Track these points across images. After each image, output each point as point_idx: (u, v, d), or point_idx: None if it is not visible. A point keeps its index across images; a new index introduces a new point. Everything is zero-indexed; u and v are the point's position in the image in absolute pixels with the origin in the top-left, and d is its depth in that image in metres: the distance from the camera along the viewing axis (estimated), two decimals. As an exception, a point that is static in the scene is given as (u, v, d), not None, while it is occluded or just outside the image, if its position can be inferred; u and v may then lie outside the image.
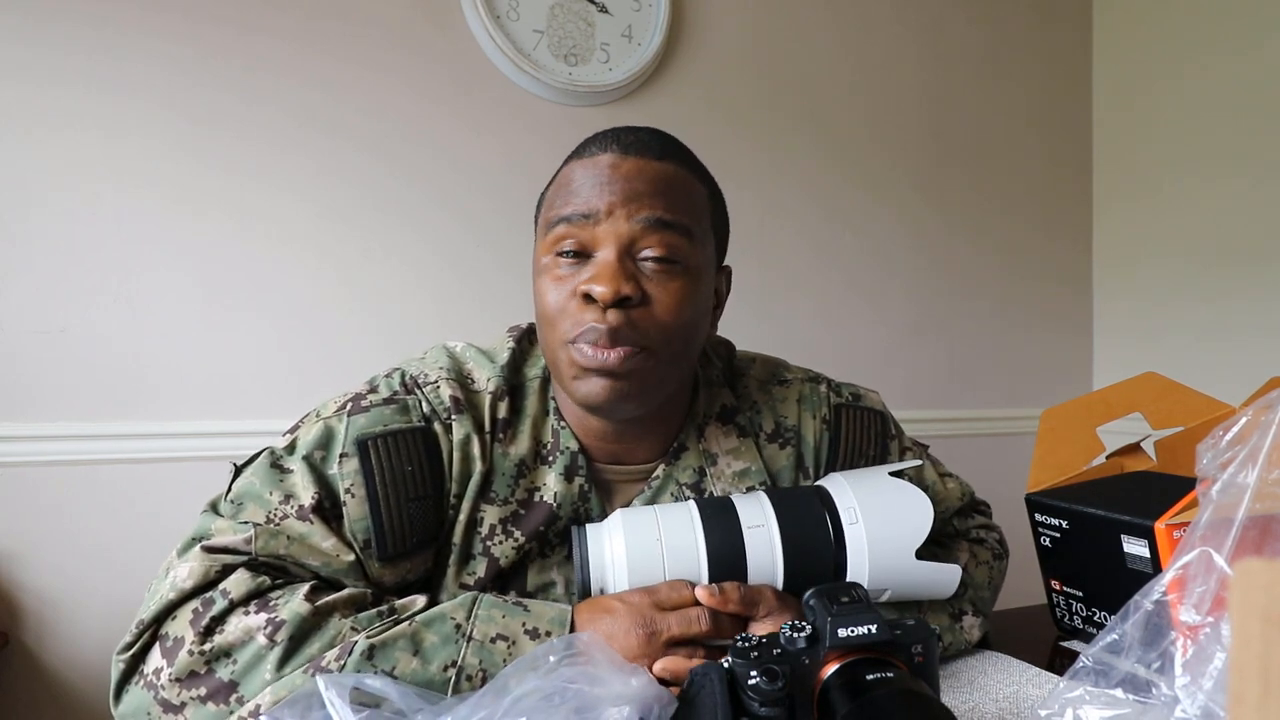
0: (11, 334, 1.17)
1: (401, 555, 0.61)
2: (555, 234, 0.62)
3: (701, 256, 0.64)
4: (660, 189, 0.62)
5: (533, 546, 0.65)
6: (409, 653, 0.53)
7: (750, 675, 0.42)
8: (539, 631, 0.56)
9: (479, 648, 0.54)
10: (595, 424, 0.67)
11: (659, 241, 0.61)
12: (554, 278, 0.62)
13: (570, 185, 0.63)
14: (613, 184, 0.61)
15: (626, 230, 0.60)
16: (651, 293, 0.61)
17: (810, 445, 0.73)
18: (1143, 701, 0.46)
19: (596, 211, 0.61)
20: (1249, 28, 1.68)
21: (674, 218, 0.61)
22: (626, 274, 0.60)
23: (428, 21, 1.41)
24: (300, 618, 0.53)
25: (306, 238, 1.33)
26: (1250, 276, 1.68)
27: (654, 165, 0.63)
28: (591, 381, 0.60)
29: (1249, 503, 0.45)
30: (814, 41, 1.73)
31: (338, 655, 0.52)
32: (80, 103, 1.20)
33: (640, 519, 0.61)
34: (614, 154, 0.63)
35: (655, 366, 0.61)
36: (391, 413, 0.63)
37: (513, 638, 0.55)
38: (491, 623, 0.56)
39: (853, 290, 1.77)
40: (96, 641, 1.20)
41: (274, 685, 0.51)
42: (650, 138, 0.65)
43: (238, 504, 0.60)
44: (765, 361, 0.79)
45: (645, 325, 0.60)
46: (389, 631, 0.54)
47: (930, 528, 0.61)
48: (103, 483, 1.21)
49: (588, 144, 0.66)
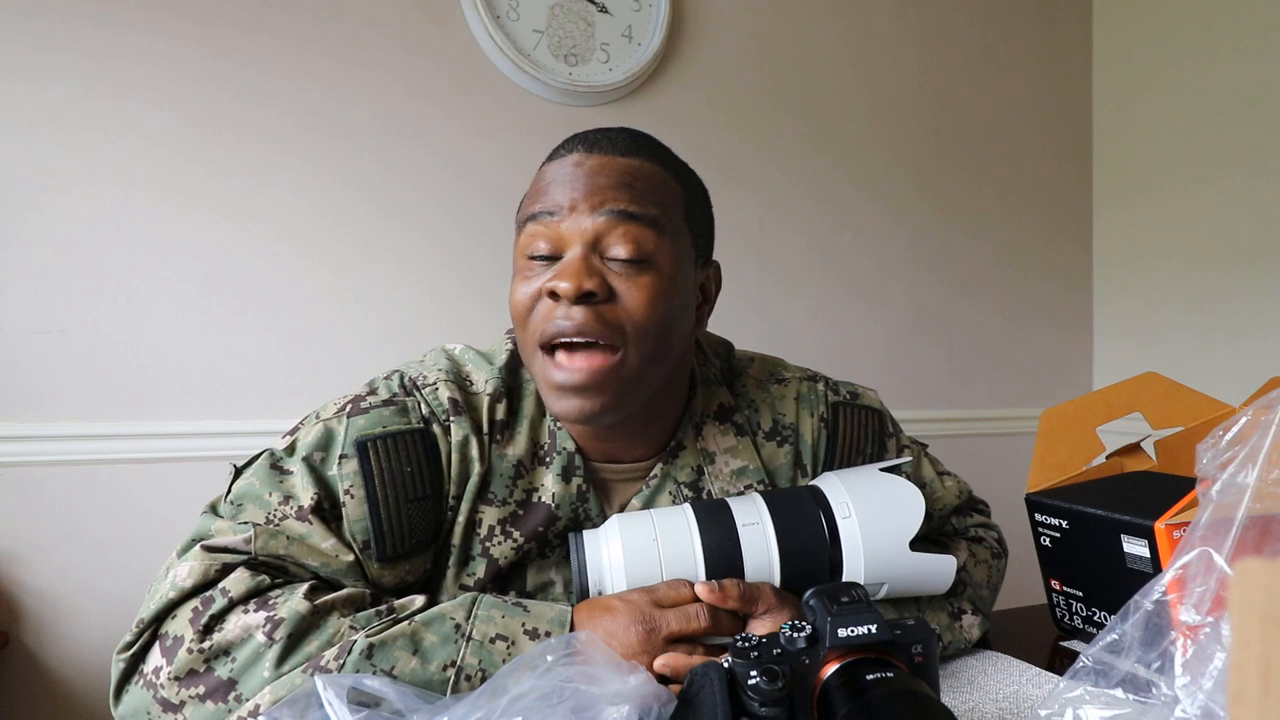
0: (11, 334, 1.17)
1: (400, 556, 0.62)
2: (526, 234, 0.63)
3: (673, 251, 0.63)
4: (624, 182, 0.62)
5: (531, 547, 0.65)
6: (409, 652, 0.53)
7: (750, 675, 0.42)
8: (539, 632, 0.56)
9: (478, 648, 0.54)
10: (586, 427, 0.67)
11: (624, 235, 0.60)
12: (524, 278, 0.63)
13: (538, 185, 0.64)
14: (575, 180, 0.62)
15: (590, 225, 0.60)
16: (619, 289, 0.60)
17: (808, 443, 0.73)
18: (1143, 701, 0.46)
19: (560, 208, 0.61)
20: (1249, 28, 1.68)
21: (639, 209, 0.61)
22: (590, 270, 0.60)
23: (428, 21, 1.41)
24: (299, 616, 0.53)
25: (306, 238, 1.33)
26: (1250, 277, 1.68)
27: (618, 161, 0.63)
28: (566, 400, 0.61)
29: (1249, 503, 0.45)
30: (814, 41, 1.73)
31: (337, 654, 0.52)
32: (80, 103, 1.20)
33: (637, 522, 0.61)
34: (579, 153, 0.64)
35: (628, 370, 0.61)
36: (391, 414, 0.63)
37: (512, 638, 0.55)
38: (491, 623, 0.56)
39: (852, 290, 1.77)
40: (97, 641, 1.20)
41: (273, 684, 0.51)
42: (618, 135, 0.66)
43: (237, 505, 0.60)
44: (763, 361, 0.79)
45: (614, 321, 0.60)
46: (388, 631, 0.54)
47: (922, 519, 0.61)
48: (103, 483, 1.21)
49: (558, 146, 0.67)
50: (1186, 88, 1.81)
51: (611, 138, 0.65)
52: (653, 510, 0.63)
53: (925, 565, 0.62)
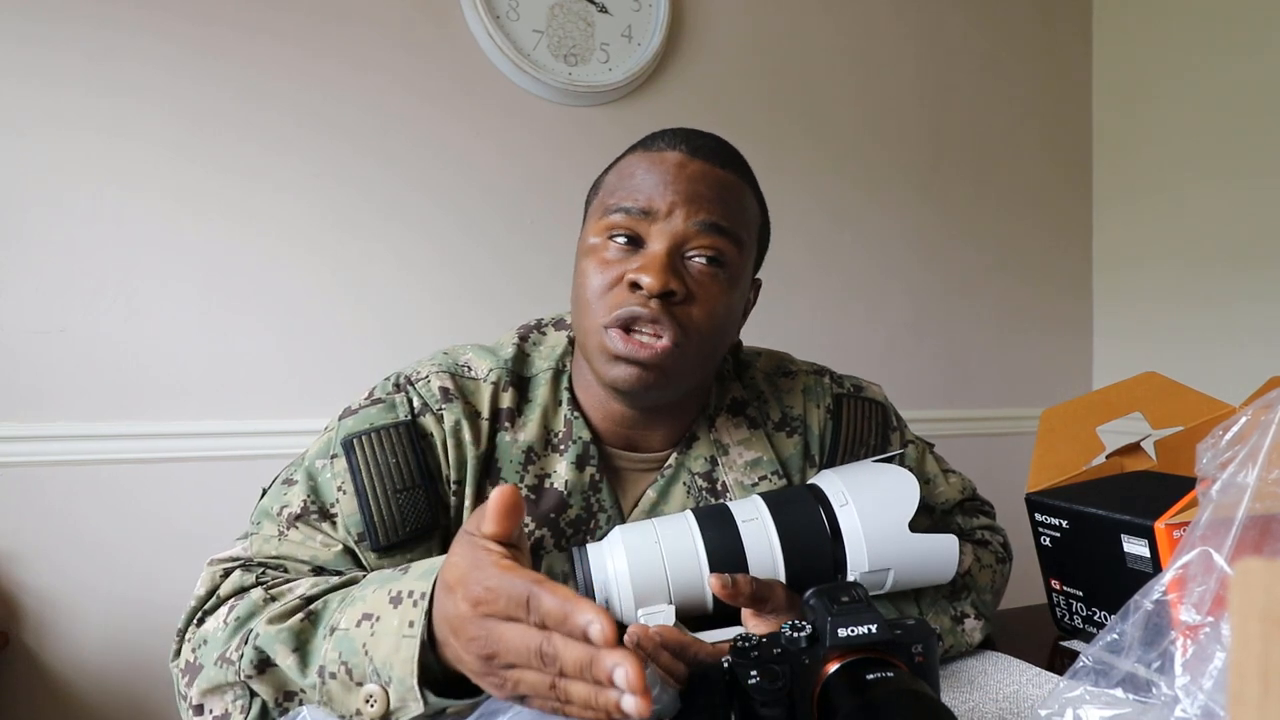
0: (11, 334, 1.17)
1: (397, 546, 0.63)
2: (611, 220, 0.64)
3: (743, 265, 0.67)
4: (720, 195, 0.64)
5: (544, 534, 0.66)
6: (288, 647, 0.51)
7: (750, 675, 0.42)
8: (401, 596, 0.48)
9: (342, 637, 0.49)
10: (615, 408, 0.68)
11: (710, 244, 0.63)
12: (600, 260, 0.64)
13: (634, 177, 0.65)
14: (677, 183, 0.63)
15: (682, 229, 0.62)
16: (694, 291, 0.63)
17: (815, 434, 0.75)
18: (1143, 701, 0.46)
19: (658, 209, 0.62)
20: (1249, 29, 1.68)
21: (728, 224, 0.63)
22: (675, 270, 0.62)
23: (428, 21, 1.41)
24: (253, 603, 0.56)
25: (306, 238, 1.33)
26: (1250, 278, 1.68)
27: (717, 172, 0.65)
28: (622, 367, 0.62)
29: (1249, 502, 0.45)
30: (814, 41, 1.73)
31: (237, 645, 0.53)
32: (81, 103, 1.20)
33: (639, 529, 0.63)
34: (682, 153, 0.65)
35: (685, 361, 0.63)
36: (377, 412, 0.65)
37: (377, 613, 0.48)
38: (360, 602, 0.50)
39: (852, 290, 1.77)
40: (97, 641, 1.20)
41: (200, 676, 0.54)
42: (717, 144, 0.67)
43: (257, 524, 0.64)
44: (771, 355, 0.81)
45: (684, 320, 0.62)
46: (285, 623, 0.52)
47: (917, 498, 0.63)
48: (103, 483, 1.21)
49: (655, 138, 0.67)
50: (1187, 89, 1.81)
51: (711, 146, 0.66)
52: (654, 519, 0.64)
53: (927, 545, 0.63)
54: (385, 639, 0.47)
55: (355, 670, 0.48)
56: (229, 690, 0.52)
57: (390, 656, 0.46)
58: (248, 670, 0.51)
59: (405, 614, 0.47)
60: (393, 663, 0.46)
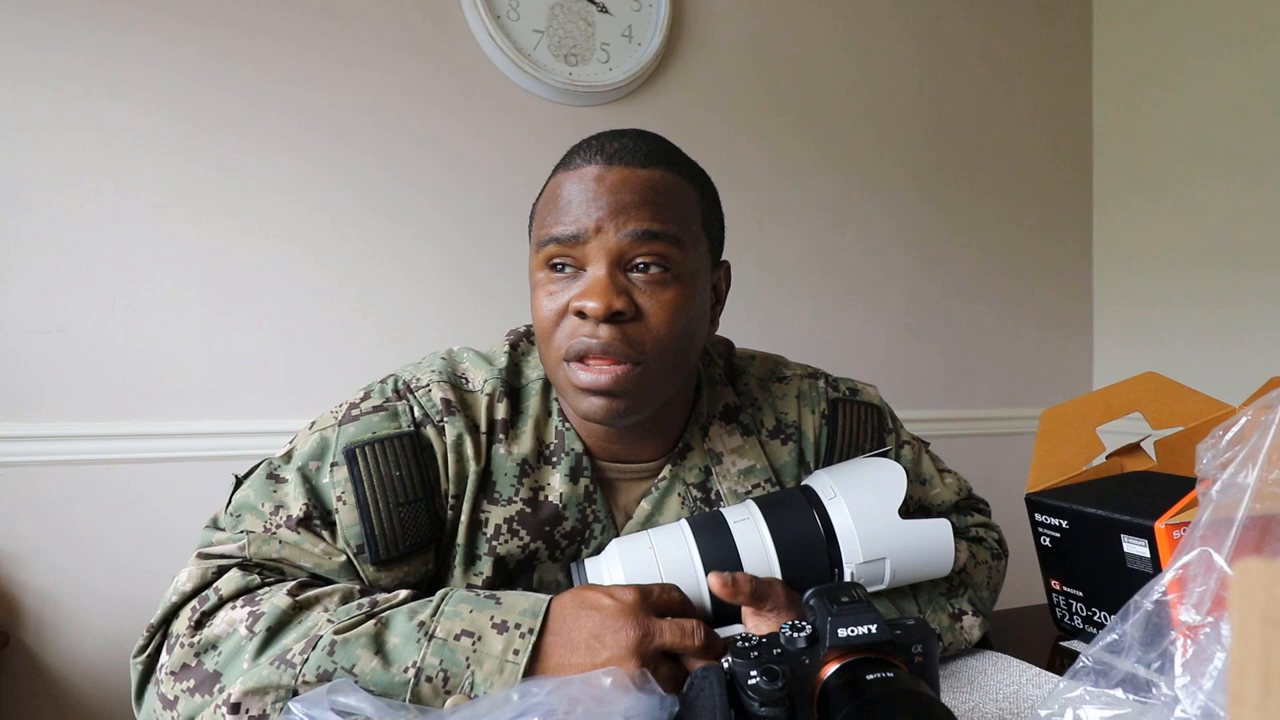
0: (11, 334, 1.17)
1: (396, 559, 0.62)
2: (547, 252, 0.63)
3: (694, 261, 0.64)
4: (647, 198, 0.61)
5: (539, 547, 0.66)
6: (370, 651, 0.52)
7: (750, 675, 0.42)
8: (507, 624, 0.53)
9: (440, 646, 0.52)
10: (597, 428, 0.67)
11: (648, 251, 0.61)
12: (546, 293, 0.63)
13: (558, 202, 0.63)
14: (598, 198, 0.60)
15: (615, 244, 0.60)
16: (644, 305, 0.61)
17: (810, 440, 0.74)
18: (1143, 701, 0.46)
19: (585, 230, 0.60)
20: (1250, 28, 1.68)
21: (662, 228, 0.61)
22: (618, 288, 0.60)
23: (428, 22, 1.41)
24: (279, 610, 0.54)
25: (306, 238, 1.33)
26: (1250, 279, 1.68)
27: (639, 174, 0.62)
28: (589, 400, 0.61)
29: (1249, 503, 0.45)
30: (814, 41, 1.73)
31: (303, 648, 0.52)
32: (80, 103, 1.20)
33: (633, 540, 0.63)
34: (598, 165, 0.62)
35: (649, 378, 0.62)
36: (380, 420, 0.64)
37: (479, 633, 0.53)
38: (457, 618, 0.53)
39: (852, 290, 1.77)
40: (97, 641, 1.20)
41: (244, 676, 0.52)
42: (635, 143, 0.64)
43: (236, 516, 0.62)
44: (764, 359, 0.79)
45: (639, 338, 0.60)
46: (355, 629, 0.53)
47: (905, 485, 0.63)
48: (103, 482, 1.21)
49: (572, 154, 0.65)
50: (1187, 89, 1.81)
51: (629, 148, 0.63)
52: (650, 530, 0.65)
53: (919, 531, 0.63)
54: (489, 660, 0.52)
55: (452, 679, 0.51)
56: (273, 692, 0.51)
57: (492, 676, 0.51)
58: (310, 676, 0.51)
59: (511, 642, 0.52)
60: (494, 682, 0.51)
